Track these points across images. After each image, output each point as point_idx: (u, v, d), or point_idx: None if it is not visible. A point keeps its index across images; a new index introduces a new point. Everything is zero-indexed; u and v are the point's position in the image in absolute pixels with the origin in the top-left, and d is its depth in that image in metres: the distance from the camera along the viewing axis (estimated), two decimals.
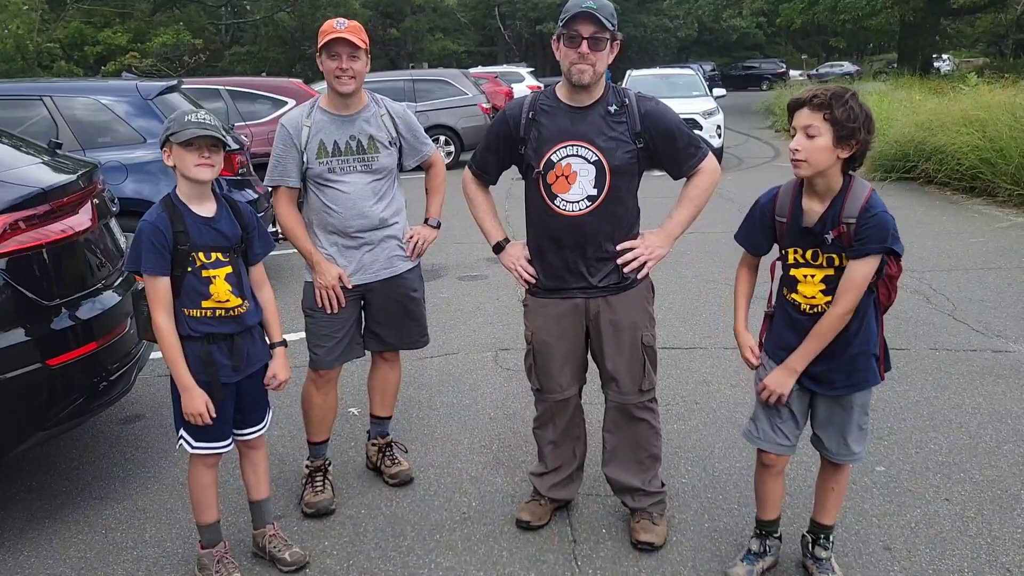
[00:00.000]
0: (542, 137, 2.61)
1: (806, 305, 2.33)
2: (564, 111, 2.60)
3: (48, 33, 24.65)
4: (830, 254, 2.27)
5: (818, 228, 2.27)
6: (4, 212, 2.77)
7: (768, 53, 49.99)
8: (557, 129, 2.59)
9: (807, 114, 2.19)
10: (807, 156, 2.19)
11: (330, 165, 2.94)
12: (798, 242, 2.32)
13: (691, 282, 6.20)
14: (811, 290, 2.31)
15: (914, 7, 24.45)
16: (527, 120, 2.64)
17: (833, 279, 2.28)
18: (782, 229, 2.36)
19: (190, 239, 2.41)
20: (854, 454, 2.45)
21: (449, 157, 14.46)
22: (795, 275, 2.34)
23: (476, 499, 3.18)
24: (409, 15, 37.07)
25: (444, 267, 7.06)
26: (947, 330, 4.91)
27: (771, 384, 2.38)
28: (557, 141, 2.58)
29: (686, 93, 13.95)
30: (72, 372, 2.91)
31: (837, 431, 2.43)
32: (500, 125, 2.74)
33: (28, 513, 3.17)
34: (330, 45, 2.84)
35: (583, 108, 2.59)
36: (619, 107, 2.58)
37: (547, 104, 2.64)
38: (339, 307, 3.00)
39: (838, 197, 2.25)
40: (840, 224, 2.22)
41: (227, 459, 3.19)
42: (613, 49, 2.55)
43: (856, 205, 2.22)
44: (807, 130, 2.18)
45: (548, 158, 2.59)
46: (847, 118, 2.15)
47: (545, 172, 2.60)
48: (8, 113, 5.58)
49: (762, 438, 2.47)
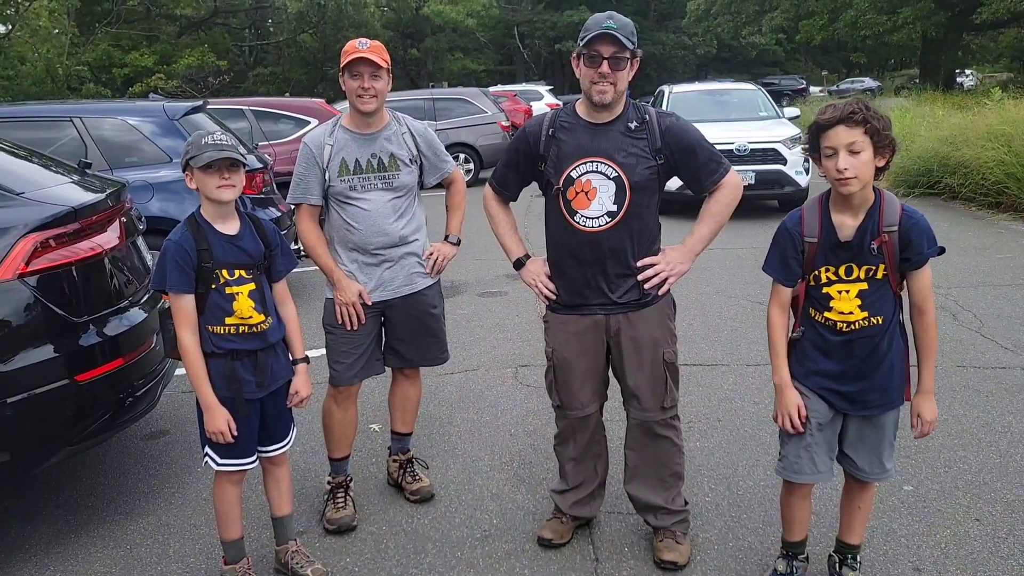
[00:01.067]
0: (562, 154, 2.62)
1: (842, 324, 2.29)
2: (584, 128, 2.61)
3: (77, 56, 25.18)
4: (869, 266, 2.25)
5: (856, 240, 2.25)
6: (35, 231, 2.82)
7: (788, 69, 49.86)
8: (577, 145, 2.60)
9: (846, 131, 2.15)
10: (857, 173, 2.16)
11: (351, 183, 2.97)
12: (830, 260, 2.29)
13: (713, 298, 6.17)
14: (848, 306, 2.28)
15: (936, 23, 24.33)
16: (547, 137, 2.65)
17: (868, 293, 2.26)
18: (812, 250, 2.32)
19: (213, 257, 2.44)
20: (886, 471, 2.42)
21: (468, 175, 14.54)
22: (828, 292, 2.30)
23: (497, 516, 3.17)
24: (429, 35, 37.45)
25: (464, 283, 7.08)
26: (975, 347, 4.83)
27: (930, 416, 2.34)
28: (577, 158, 2.59)
29: (749, 114, 10.95)
30: (99, 388, 2.94)
31: (870, 450, 2.40)
32: (520, 142, 2.75)
33: (55, 528, 3.20)
34: (353, 65, 2.87)
35: (603, 125, 2.60)
36: (639, 123, 2.59)
37: (567, 121, 2.65)
38: (359, 324, 3.02)
39: (873, 208, 2.24)
40: (882, 233, 2.21)
41: (250, 475, 3.21)
42: (633, 67, 2.57)
43: (894, 214, 2.22)
44: (850, 147, 2.15)
45: (568, 174, 2.60)
46: (884, 127, 2.15)
47: (565, 188, 2.61)
48: (39, 134, 5.70)
49: (805, 472, 2.42)
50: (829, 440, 2.41)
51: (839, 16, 26.28)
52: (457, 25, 35.29)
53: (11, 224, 2.80)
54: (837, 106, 2.21)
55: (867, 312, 2.27)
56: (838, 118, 2.16)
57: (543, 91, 26.28)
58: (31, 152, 3.72)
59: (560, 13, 41.63)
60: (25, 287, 2.77)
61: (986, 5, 22.45)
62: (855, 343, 2.30)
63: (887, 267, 2.24)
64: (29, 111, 6.55)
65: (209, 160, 2.37)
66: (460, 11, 34.49)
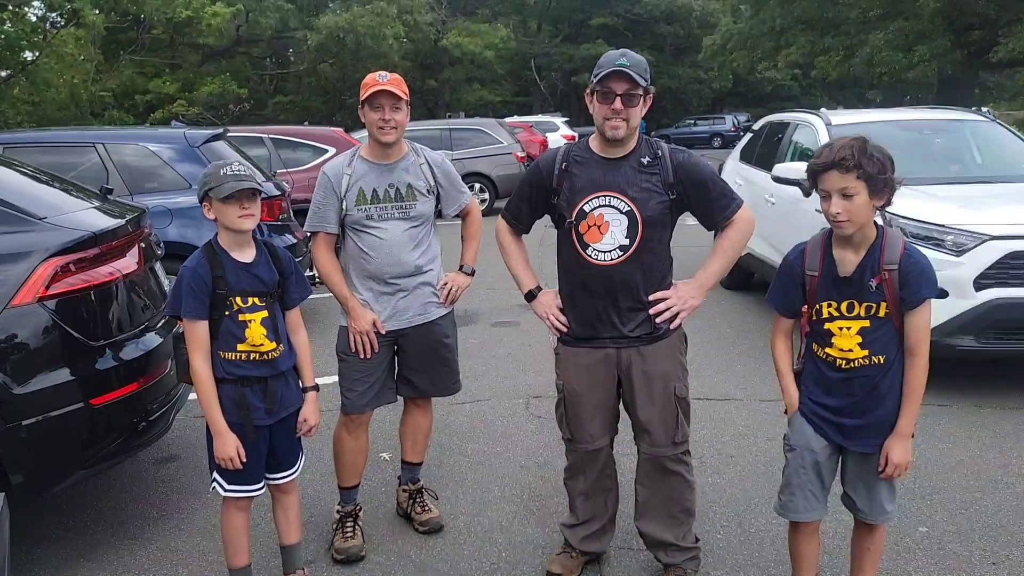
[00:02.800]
0: (575, 188, 2.65)
1: (841, 361, 2.29)
2: (597, 162, 2.64)
3: (101, 83, 25.65)
4: (869, 303, 2.25)
5: (856, 276, 2.25)
6: (56, 255, 2.87)
7: (803, 104, 49.98)
8: (590, 180, 2.63)
9: (838, 177, 2.16)
10: (850, 217, 2.18)
11: (368, 212, 3.01)
12: (832, 295, 2.30)
13: (726, 332, 6.14)
14: (848, 343, 2.28)
15: (953, 60, 24.37)
16: (560, 171, 2.68)
17: (869, 331, 2.26)
18: (813, 284, 2.33)
19: (228, 284, 2.47)
20: (886, 513, 2.40)
21: (484, 204, 14.61)
22: (829, 328, 2.31)
23: (506, 549, 3.14)
24: (447, 66, 37.91)
25: (477, 313, 7.09)
26: (991, 387, 4.78)
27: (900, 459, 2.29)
28: (590, 192, 2.62)
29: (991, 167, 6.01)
30: (113, 412, 2.97)
31: (868, 490, 2.38)
32: (533, 175, 2.78)
33: (64, 552, 3.21)
34: (373, 97, 2.92)
35: (616, 160, 2.63)
36: (652, 159, 2.61)
37: (580, 156, 2.68)
38: (372, 352, 3.04)
39: (874, 245, 2.24)
40: (881, 271, 2.21)
41: (259, 502, 3.20)
42: (646, 103, 2.60)
43: (895, 253, 2.22)
44: (843, 191, 2.16)
45: (580, 208, 2.62)
46: (879, 170, 2.14)
47: (577, 222, 2.63)
48: (63, 159, 5.80)
49: (799, 510, 2.43)
50: (824, 476, 2.41)
51: (855, 53, 26.39)
52: (475, 57, 35.69)
53: (33, 248, 2.85)
54: (834, 146, 2.19)
55: (868, 351, 2.26)
56: (830, 163, 2.16)
57: (559, 122, 26.43)
58: (53, 177, 3.78)
59: (577, 46, 42.06)
60: (44, 311, 2.81)
61: (1002, 44, 22.50)
62: (854, 381, 2.29)
63: (888, 305, 2.23)
64: (53, 136, 6.67)
65: (231, 191, 2.41)
66: (478, 43, 34.89)
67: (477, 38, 35.19)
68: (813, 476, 2.39)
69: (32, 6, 24.09)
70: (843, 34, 27.12)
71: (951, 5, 22.28)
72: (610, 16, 42.58)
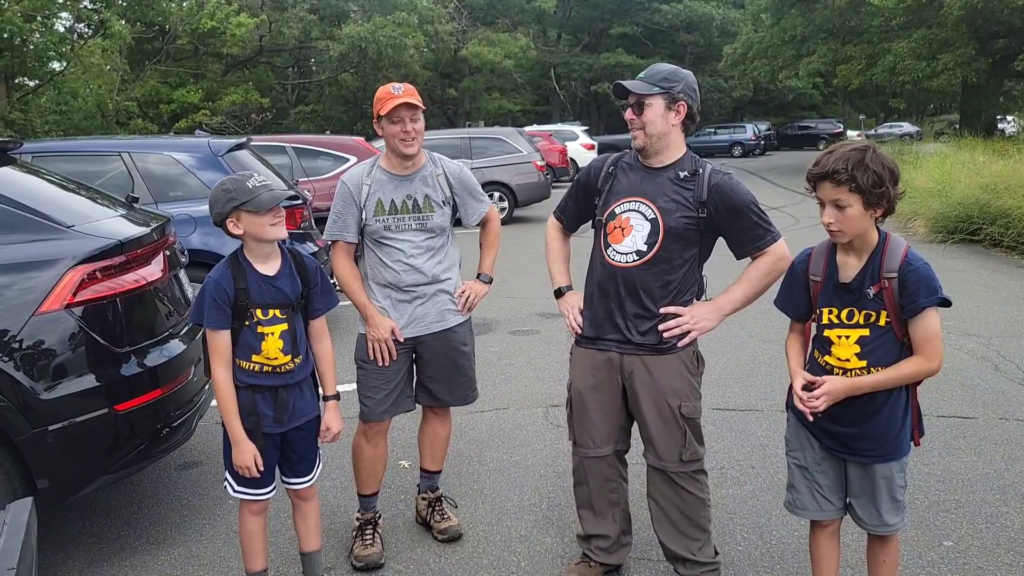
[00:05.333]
0: (613, 190, 2.72)
1: (839, 370, 2.27)
2: (639, 170, 2.71)
3: (127, 92, 26.03)
4: (869, 311, 2.23)
5: (856, 284, 2.23)
6: (83, 263, 2.91)
7: (824, 113, 49.74)
8: (628, 185, 2.70)
9: (831, 188, 2.15)
10: (842, 227, 2.17)
11: (386, 223, 3.03)
12: (833, 301, 2.28)
13: (746, 342, 6.10)
14: (846, 352, 2.26)
15: (977, 69, 24.14)
16: (606, 173, 2.77)
17: (869, 340, 2.23)
18: (816, 289, 2.33)
19: (250, 296, 2.50)
20: (889, 525, 2.36)
21: (503, 213, 14.65)
22: (829, 336, 2.29)
23: (525, 559, 3.14)
24: (467, 76, 38.10)
25: (496, 321, 7.10)
26: (1017, 399, 4.71)
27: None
28: (624, 196, 2.68)
29: None
30: (137, 418, 3.00)
31: (868, 500, 2.36)
32: (584, 174, 2.87)
33: (88, 556, 3.24)
34: (393, 111, 2.93)
35: (655, 169, 2.68)
36: (690, 175, 2.64)
37: (628, 163, 2.76)
38: (391, 360, 3.05)
39: (875, 252, 2.22)
40: (881, 279, 2.19)
41: (281, 509, 3.23)
42: (676, 111, 2.61)
43: (895, 260, 2.19)
44: (836, 203, 2.15)
45: (612, 209, 2.69)
46: (874, 184, 2.11)
47: (606, 222, 2.70)
48: (89, 167, 5.90)
49: (807, 508, 2.43)
50: (833, 477, 2.39)
51: (877, 61, 26.21)
52: (495, 66, 35.84)
53: (61, 256, 2.89)
54: (833, 154, 2.17)
55: (866, 361, 2.23)
56: (824, 174, 2.15)
57: (579, 131, 26.47)
58: (80, 185, 3.84)
59: (597, 55, 42.17)
60: (71, 317, 2.85)
61: None
62: None
63: (889, 314, 2.20)
64: (80, 146, 6.78)
65: (272, 202, 2.43)
66: (498, 52, 35.04)
67: (497, 47, 35.35)
68: (816, 475, 2.39)
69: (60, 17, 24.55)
70: (865, 42, 26.97)
71: (975, 13, 22.08)
72: (630, 25, 42.64)
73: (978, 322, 6.37)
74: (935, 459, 3.88)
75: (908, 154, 17.36)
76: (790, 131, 41.51)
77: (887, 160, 2.15)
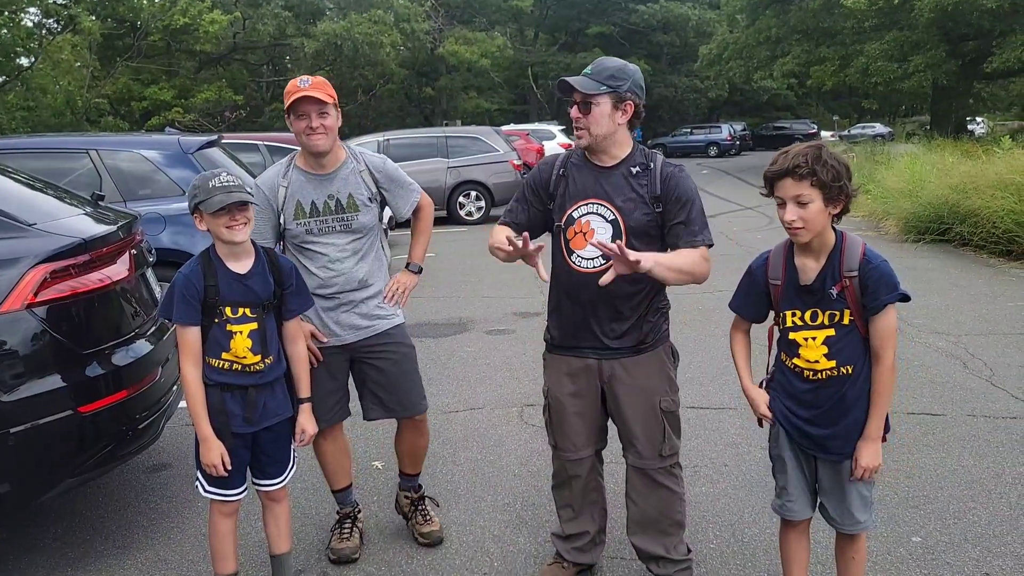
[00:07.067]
0: (567, 193, 2.65)
1: (808, 372, 2.29)
2: (590, 169, 2.64)
3: (97, 89, 25.65)
4: (833, 311, 2.24)
5: (817, 285, 2.25)
6: (45, 261, 2.85)
7: (799, 114, 50.23)
8: (582, 186, 2.62)
9: (792, 184, 2.16)
10: (805, 224, 2.18)
11: (308, 226, 2.91)
12: (796, 303, 2.29)
13: (720, 341, 6.13)
14: (814, 354, 2.27)
15: (947, 71, 24.52)
16: (557, 176, 2.68)
17: (835, 340, 2.25)
18: (777, 292, 2.33)
19: (219, 293, 2.47)
20: (859, 523, 2.38)
21: (480, 212, 14.65)
22: (795, 338, 2.30)
23: (498, 559, 3.12)
24: (444, 74, 38.00)
25: (472, 320, 7.07)
26: (985, 396, 4.78)
27: (869, 463, 2.27)
28: (580, 198, 2.61)
29: None
30: (103, 419, 2.94)
31: (837, 498, 2.38)
32: (532, 179, 2.78)
33: (52, 561, 3.18)
34: (297, 105, 2.79)
35: (607, 168, 2.62)
36: (642, 169, 2.59)
37: (577, 162, 2.68)
38: (318, 363, 2.92)
39: (834, 252, 2.24)
40: (842, 278, 2.21)
41: (251, 511, 3.18)
42: (623, 110, 2.53)
43: (855, 259, 2.21)
44: (798, 199, 2.16)
45: (570, 214, 2.62)
46: (833, 178, 2.14)
47: (566, 227, 2.63)
48: (55, 164, 5.80)
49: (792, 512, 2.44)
50: (808, 476, 2.42)
51: (850, 63, 26.52)
52: (472, 65, 35.76)
53: (22, 255, 2.83)
54: (789, 153, 2.19)
55: (835, 361, 2.25)
56: (785, 170, 2.16)
57: (555, 130, 26.51)
58: (46, 183, 3.77)
59: (574, 55, 42.20)
60: (33, 317, 2.79)
61: (997, 55, 22.65)
62: (820, 392, 2.29)
63: (852, 312, 2.22)
64: (46, 143, 6.67)
65: (221, 205, 2.39)
66: (475, 51, 34.96)
67: (474, 46, 35.27)
68: (800, 476, 2.41)
69: (28, 12, 24.11)
70: (838, 44, 27.29)
71: (946, 16, 22.42)
72: (607, 25, 42.76)
73: (947, 320, 6.46)
74: (904, 455, 3.92)
75: (880, 155, 17.56)
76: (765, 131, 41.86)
77: (841, 157, 2.19)
